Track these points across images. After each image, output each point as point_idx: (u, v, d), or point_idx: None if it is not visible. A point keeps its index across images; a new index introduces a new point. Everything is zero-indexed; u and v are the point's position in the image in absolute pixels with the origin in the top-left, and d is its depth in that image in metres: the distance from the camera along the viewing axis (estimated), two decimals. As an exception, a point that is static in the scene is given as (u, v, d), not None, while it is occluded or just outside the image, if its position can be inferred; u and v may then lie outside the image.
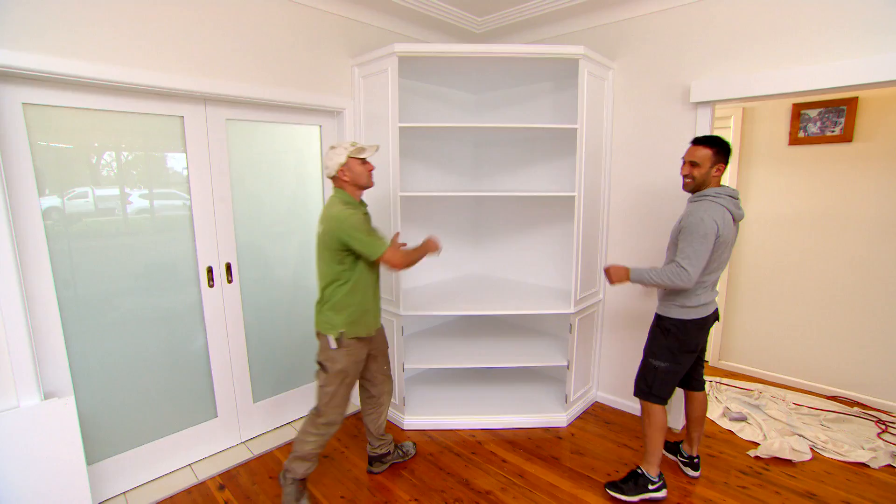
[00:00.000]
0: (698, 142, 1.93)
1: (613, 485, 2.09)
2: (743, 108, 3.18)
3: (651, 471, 2.05)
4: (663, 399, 2.00)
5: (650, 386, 2.01)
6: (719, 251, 1.85)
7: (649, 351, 2.05)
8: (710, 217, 1.80)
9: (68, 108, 1.85)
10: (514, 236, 3.24)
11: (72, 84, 1.81)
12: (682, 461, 2.27)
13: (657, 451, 2.04)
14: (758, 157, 3.18)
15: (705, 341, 2.07)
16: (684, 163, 1.97)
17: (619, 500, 2.04)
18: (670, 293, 1.99)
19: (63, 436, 1.75)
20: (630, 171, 2.66)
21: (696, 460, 2.22)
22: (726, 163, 1.90)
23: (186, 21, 2.01)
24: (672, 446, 2.36)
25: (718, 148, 1.88)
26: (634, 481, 2.06)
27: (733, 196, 1.89)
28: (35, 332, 1.78)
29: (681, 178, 1.99)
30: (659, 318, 2.04)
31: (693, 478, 2.21)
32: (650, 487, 2.03)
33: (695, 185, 1.94)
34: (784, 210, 3.11)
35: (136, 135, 2.05)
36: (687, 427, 2.24)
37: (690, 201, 1.96)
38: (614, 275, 2.03)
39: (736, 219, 1.88)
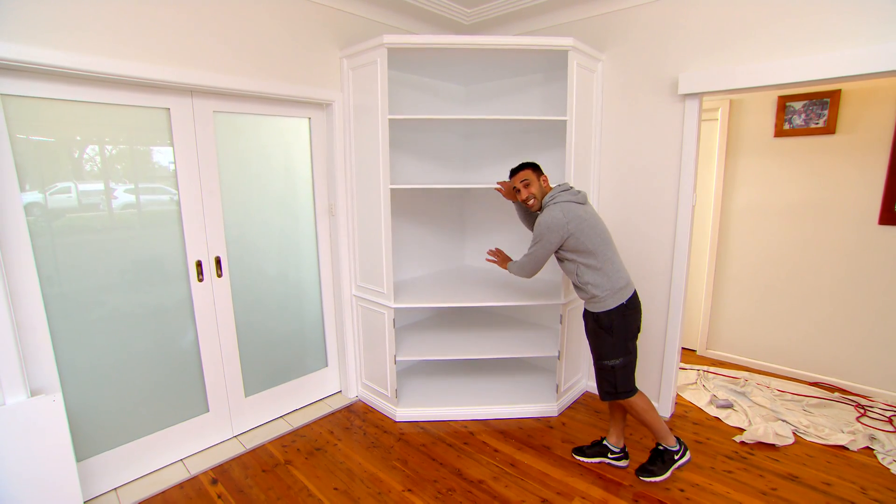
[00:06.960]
0: (517, 168, 2.16)
1: (643, 470, 2.12)
2: (730, 100, 3.21)
3: (669, 441, 2.11)
4: (631, 392, 2.04)
5: (615, 386, 2.03)
6: (588, 232, 1.96)
7: (599, 354, 2.06)
8: (550, 218, 1.97)
9: (49, 100, 1.81)
10: (503, 228, 3.25)
11: (52, 75, 1.77)
12: (612, 457, 2.24)
13: (661, 425, 2.09)
14: (744, 148, 3.22)
15: (641, 322, 2.10)
16: (517, 190, 2.15)
17: (654, 482, 2.09)
18: (597, 284, 1.99)
19: (51, 433, 1.74)
20: (619, 162, 2.67)
21: (625, 450, 2.25)
22: (542, 172, 2.16)
23: (172, 11, 1.97)
24: (597, 448, 2.28)
25: (532, 166, 2.15)
26: (661, 458, 2.12)
27: (565, 189, 2.06)
28: (20, 328, 1.75)
29: (667, 170, 2.00)
30: (596, 318, 2.04)
31: (625, 468, 2.21)
32: (676, 458, 2.11)
33: (539, 202, 2.12)
34: (769, 201, 3.16)
35: (120, 128, 2.02)
36: (612, 420, 2.26)
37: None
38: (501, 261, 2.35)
39: (580, 202, 2.03)
